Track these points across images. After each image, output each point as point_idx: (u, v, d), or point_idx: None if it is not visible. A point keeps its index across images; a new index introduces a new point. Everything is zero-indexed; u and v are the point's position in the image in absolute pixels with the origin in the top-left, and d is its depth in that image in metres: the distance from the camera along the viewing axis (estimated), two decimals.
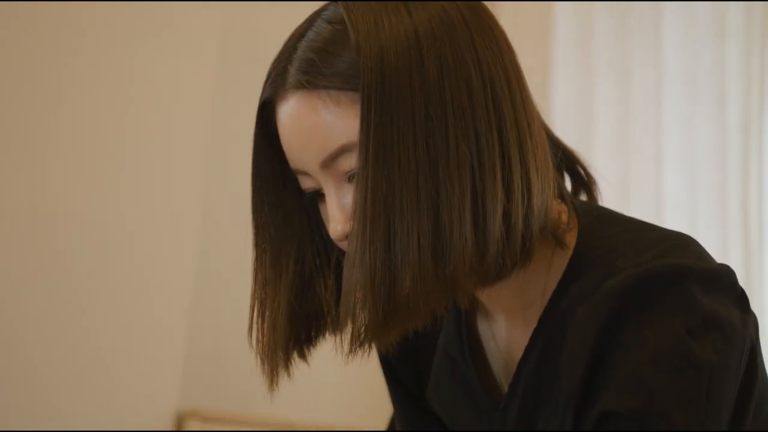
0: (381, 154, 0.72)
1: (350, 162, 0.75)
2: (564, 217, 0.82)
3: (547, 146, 0.80)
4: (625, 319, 0.71)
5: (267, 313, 0.85)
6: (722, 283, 0.73)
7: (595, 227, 0.81)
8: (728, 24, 2.15)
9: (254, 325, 0.85)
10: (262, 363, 0.85)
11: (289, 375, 0.86)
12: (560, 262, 0.81)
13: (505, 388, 0.86)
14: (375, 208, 0.72)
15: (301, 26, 0.80)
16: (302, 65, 0.76)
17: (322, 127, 0.75)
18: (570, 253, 0.80)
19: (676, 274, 0.71)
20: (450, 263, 0.71)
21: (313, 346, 0.87)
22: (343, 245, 0.78)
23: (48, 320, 1.86)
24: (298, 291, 0.85)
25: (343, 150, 0.75)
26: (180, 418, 2.06)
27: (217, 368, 2.21)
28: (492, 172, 0.73)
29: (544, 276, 0.81)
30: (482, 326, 0.90)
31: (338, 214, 0.77)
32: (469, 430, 0.90)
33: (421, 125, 0.72)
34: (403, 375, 0.99)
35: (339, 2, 0.78)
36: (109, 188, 1.97)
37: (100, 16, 1.95)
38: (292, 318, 0.84)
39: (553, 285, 0.80)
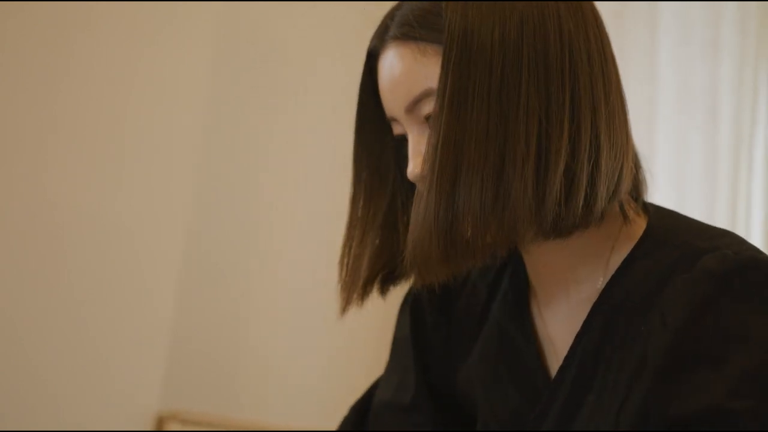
0: (456, 100, 0.78)
1: (430, 107, 0.83)
2: (632, 202, 0.88)
3: (628, 124, 0.86)
4: (725, 304, 0.74)
5: (355, 245, 0.93)
6: None
7: (664, 215, 0.88)
8: (722, 42, 2.16)
9: (345, 252, 0.94)
10: (342, 289, 0.94)
11: (361, 304, 0.94)
12: (627, 241, 0.85)
13: (550, 366, 0.90)
14: (445, 150, 0.78)
15: None
16: (400, 20, 0.85)
17: (409, 73, 0.84)
18: (638, 235, 0.85)
19: None
20: (508, 206, 0.77)
21: (393, 285, 0.94)
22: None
23: (27, 319, 1.84)
24: (385, 230, 0.93)
25: (425, 95, 0.83)
26: (160, 420, 2.04)
27: (200, 371, 2.20)
28: (559, 128, 0.78)
29: (608, 252, 0.86)
30: (533, 305, 0.94)
31: (415, 157, 0.85)
32: (505, 406, 0.92)
33: (497, 78, 0.78)
34: (430, 345, 1.02)
35: None
36: (94, 185, 1.95)
37: (95, 14, 1.94)
38: (376, 254, 0.92)
39: (617, 261, 0.85)
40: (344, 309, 0.94)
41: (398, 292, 0.98)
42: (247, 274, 2.33)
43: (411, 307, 1.04)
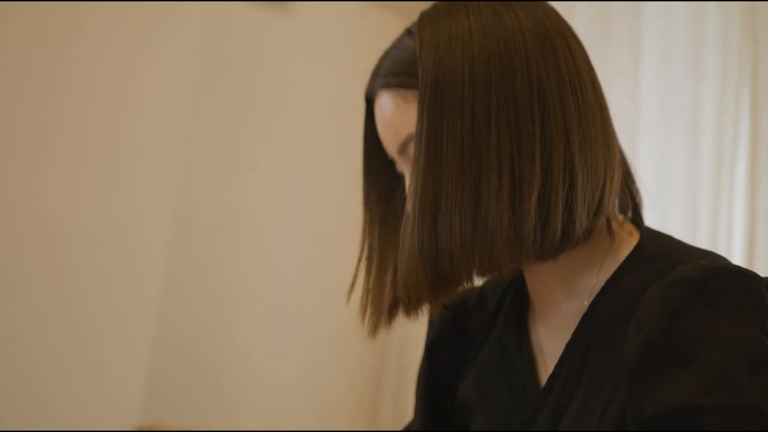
0: (431, 142, 0.83)
1: None
2: (620, 218, 0.92)
3: (613, 143, 0.89)
4: (698, 308, 0.77)
5: (374, 273, 0.98)
6: None
7: (653, 234, 0.92)
8: (704, 61, 2.18)
9: (362, 279, 0.98)
10: (364, 312, 0.97)
11: (389, 327, 0.97)
12: (615, 258, 0.89)
13: (541, 376, 0.94)
14: (424, 189, 0.83)
15: (399, 36, 0.94)
16: (385, 69, 0.92)
17: (393, 120, 0.90)
18: (627, 253, 0.89)
19: (750, 278, 0.79)
20: (487, 236, 0.82)
21: (418, 308, 0.96)
22: None
23: (7, 331, 1.82)
24: None
25: (411, 138, 0.89)
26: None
27: (180, 384, 2.18)
28: (530, 159, 0.82)
29: (597, 269, 0.90)
30: (530, 320, 0.99)
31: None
32: (498, 414, 0.96)
33: (468, 117, 0.83)
34: (441, 364, 1.07)
35: (422, 12, 0.92)
36: (78, 191, 1.94)
37: (82, 16, 1.93)
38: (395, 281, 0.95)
39: (605, 277, 0.89)
40: (373, 334, 0.97)
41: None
42: (229, 287, 2.32)
43: (427, 337, 1.10)
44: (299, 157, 2.46)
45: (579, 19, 2.23)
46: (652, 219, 2.18)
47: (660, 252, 0.87)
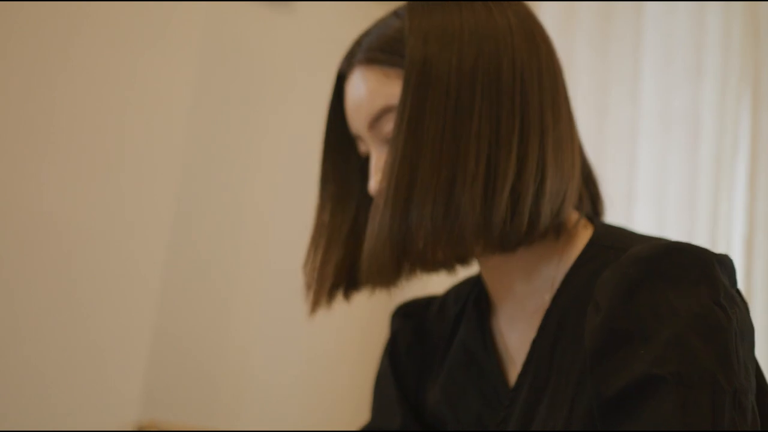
0: (413, 122, 0.85)
1: (391, 125, 0.89)
2: (575, 216, 0.94)
3: (576, 149, 0.92)
4: (653, 284, 0.78)
5: (321, 252, 0.99)
6: (732, 270, 0.83)
7: (607, 226, 0.94)
8: (705, 64, 2.18)
9: (309, 257, 0.99)
10: (308, 289, 0.98)
11: (329, 306, 0.99)
12: (573, 251, 0.91)
13: (510, 375, 0.95)
14: (401, 168, 0.84)
15: (382, 17, 0.96)
16: (367, 46, 0.93)
17: (371, 93, 0.91)
18: (583, 245, 0.91)
19: (701, 253, 0.80)
20: (458, 221, 0.83)
21: (357, 291, 0.99)
22: None
23: (7, 331, 1.82)
24: (350, 240, 0.98)
25: (386, 111, 0.90)
26: (140, 429, 2.03)
27: (180, 381, 2.18)
28: (507, 151, 0.85)
29: (555, 264, 0.92)
30: (493, 321, 1.00)
31: (377, 173, 0.92)
32: (470, 418, 0.96)
33: (452, 103, 0.85)
34: (405, 371, 1.07)
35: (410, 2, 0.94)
36: (78, 191, 1.94)
37: (82, 16, 1.93)
38: (341, 262, 0.97)
39: (564, 271, 0.90)
40: (312, 311, 0.98)
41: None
42: (228, 285, 2.32)
43: (389, 343, 1.10)
44: (300, 156, 2.46)
45: (579, 19, 2.23)
46: (650, 220, 2.18)
47: (614, 242, 0.89)
